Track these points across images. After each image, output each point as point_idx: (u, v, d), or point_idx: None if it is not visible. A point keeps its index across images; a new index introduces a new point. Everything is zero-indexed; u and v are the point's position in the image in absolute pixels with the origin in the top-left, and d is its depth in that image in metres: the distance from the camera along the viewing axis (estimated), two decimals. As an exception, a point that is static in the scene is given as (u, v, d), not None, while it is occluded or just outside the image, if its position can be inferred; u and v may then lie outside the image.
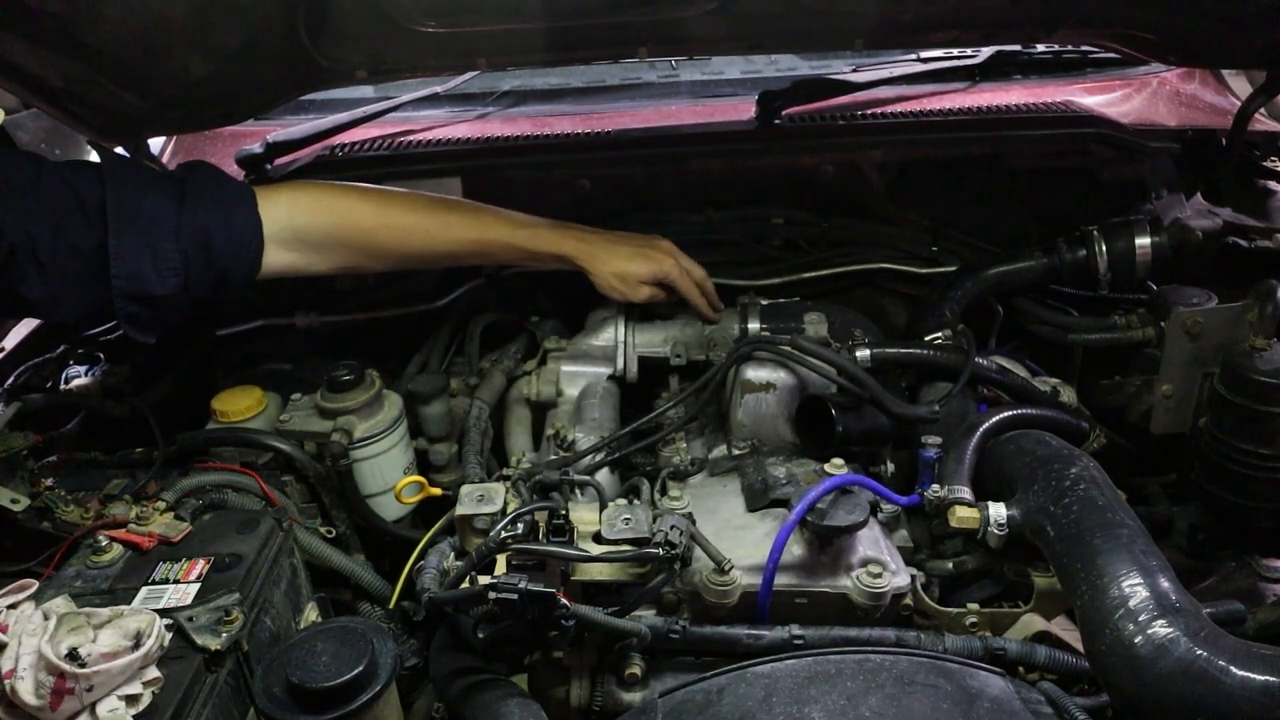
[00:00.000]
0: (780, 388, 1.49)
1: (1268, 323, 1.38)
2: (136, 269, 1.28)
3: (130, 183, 1.30)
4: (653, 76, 2.24)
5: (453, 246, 1.53)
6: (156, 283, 1.29)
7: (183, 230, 1.31)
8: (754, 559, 1.20)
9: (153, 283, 1.29)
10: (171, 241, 1.30)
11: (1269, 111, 1.97)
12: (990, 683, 1.00)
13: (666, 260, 1.60)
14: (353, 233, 1.46)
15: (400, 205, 1.52)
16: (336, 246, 1.46)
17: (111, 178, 1.28)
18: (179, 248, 1.30)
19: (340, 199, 1.48)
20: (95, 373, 1.68)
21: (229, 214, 1.36)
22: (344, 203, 1.47)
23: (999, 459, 1.31)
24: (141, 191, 1.30)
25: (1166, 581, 1.00)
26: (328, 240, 1.45)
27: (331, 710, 1.03)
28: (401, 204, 1.52)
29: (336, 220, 1.45)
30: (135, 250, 1.27)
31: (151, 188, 1.31)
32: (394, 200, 1.53)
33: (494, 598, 1.04)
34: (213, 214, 1.34)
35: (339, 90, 1.94)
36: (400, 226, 1.49)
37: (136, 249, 1.27)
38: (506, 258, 1.59)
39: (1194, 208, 1.87)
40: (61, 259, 1.25)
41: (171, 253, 1.30)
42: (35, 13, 1.28)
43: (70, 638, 0.99)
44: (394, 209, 1.50)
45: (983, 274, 1.67)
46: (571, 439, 1.47)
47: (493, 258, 1.59)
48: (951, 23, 1.65)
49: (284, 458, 1.47)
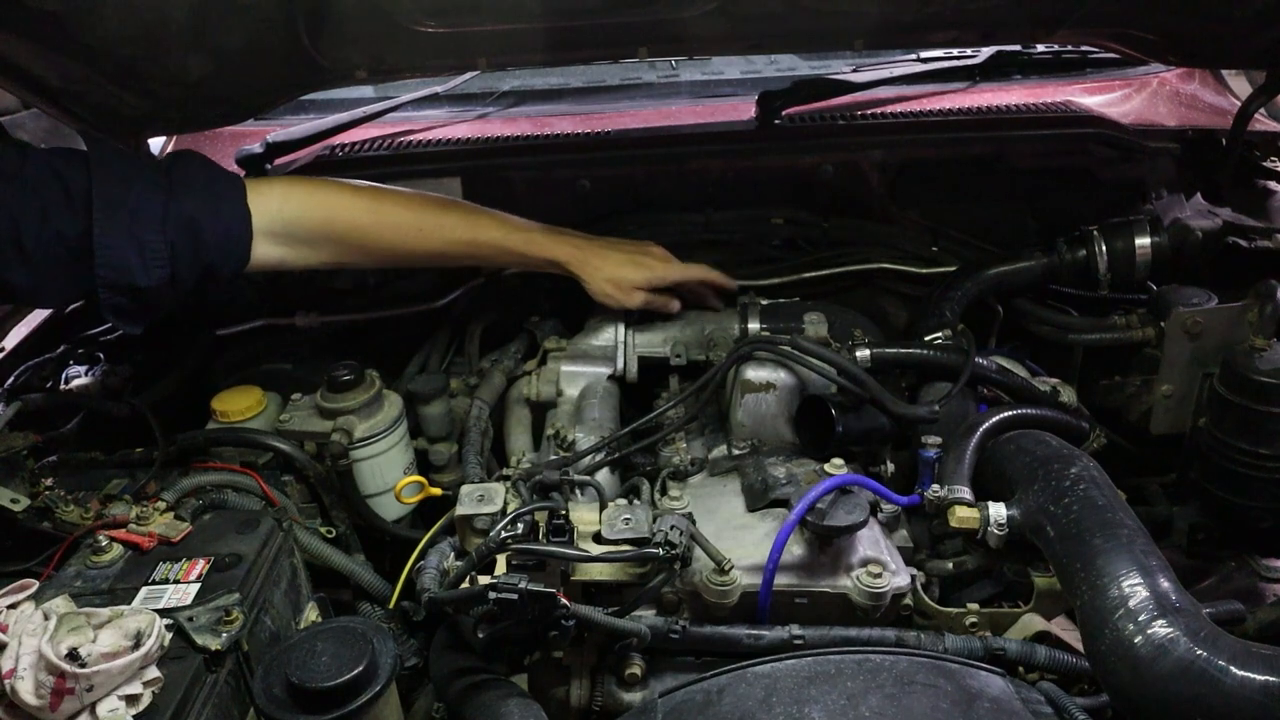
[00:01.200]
0: (780, 388, 1.49)
1: (1268, 323, 1.38)
2: (122, 259, 1.25)
3: (117, 171, 1.27)
4: (653, 76, 2.25)
5: (445, 246, 1.51)
6: (142, 274, 1.26)
7: (170, 221, 1.27)
8: (754, 559, 1.20)
9: (138, 274, 1.26)
10: (158, 232, 1.27)
11: (1269, 111, 1.97)
12: (990, 683, 1.00)
13: (660, 265, 1.61)
14: (345, 228, 1.44)
15: (393, 202, 1.50)
16: (327, 241, 1.44)
17: (98, 166, 1.26)
18: (166, 239, 1.27)
19: (333, 193, 1.46)
20: (95, 373, 1.68)
21: (218, 205, 1.33)
22: (337, 197, 1.45)
23: (999, 459, 1.31)
24: (128, 180, 1.27)
25: (1166, 581, 1.00)
26: (318, 235, 1.42)
27: (331, 710, 1.03)
28: (395, 201, 1.51)
29: (328, 215, 1.43)
30: (121, 240, 1.24)
31: (139, 177, 1.28)
32: (387, 197, 1.51)
33: (494, 598, 1.04)
34: (201, 204, 1.31)
35: (339, 90, 1.94)
36: (392, 224, 1.47)
37: (122, 239, 1.24)
38: (499, 260, 1.59)
39: (1194, 208, 1.87)
40: (46, 246, 1.22)
41: (158, 244, 1.27)
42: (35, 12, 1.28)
43: (70, 638, 0.99)
44: (387, 206, 1.49)
45: (983, 274, 1.67)
46: (571, 439, 1.47)
47: (485, 259, 1.59)
48: (951, 23, 1.65)
49: (284, 458, 1.47)
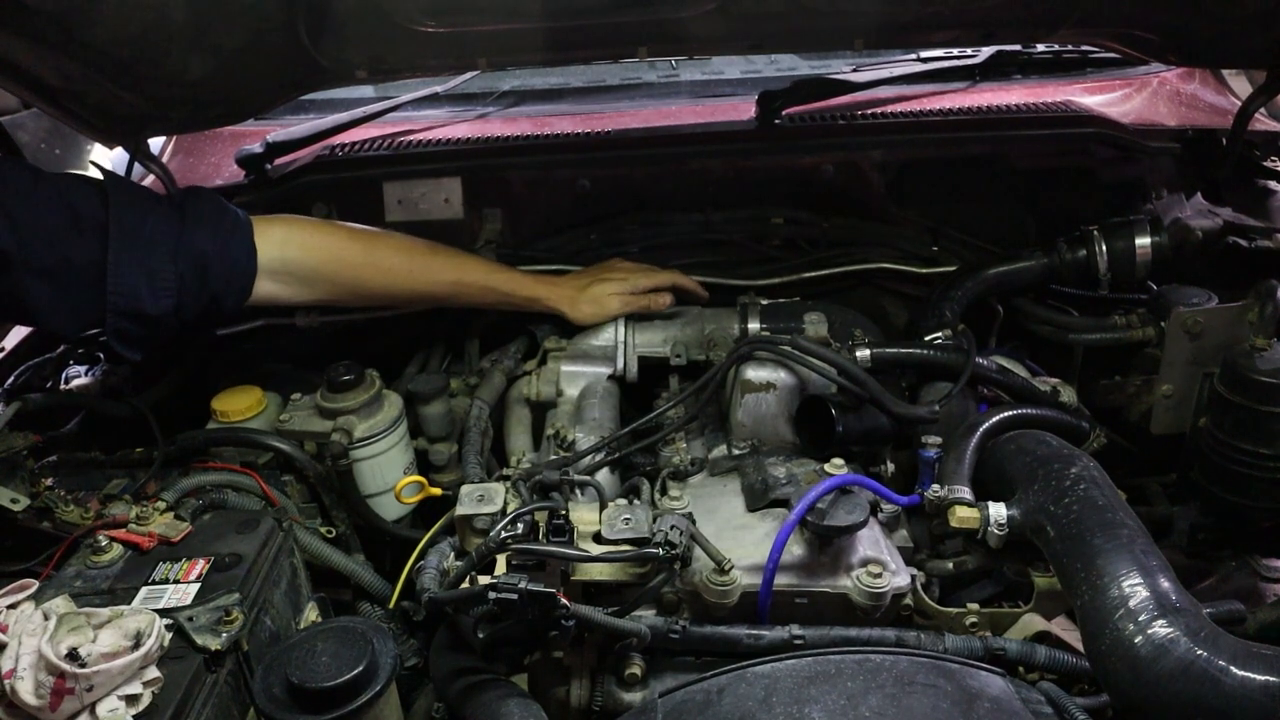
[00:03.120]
0: (780, 388, 1.49)
1: (1268, 323, 1.38)
2: (132, 286, 1.31)
3: (134, 203, 1.33)
4: (653, 76, 2.25)
5: (431, 287, 1.60)
6: (150, 301, 1.32)
7: (180, 252, 1.34)
8: (754, 559, 1.20)
9: (146, 301, 1.32)
10: (169, 263, 1.33)
11: (1269, 111, 1.97)
12: (990, 683, 1.00)
13: (629, 273, 1.69)
14: (340, 269, 1.52)
15: (386, 246, 1.58)
16: (322, 281, 1.51)
17: (116, 197, 1.31)
18: (176, 269, 1.34)
19: (331, 236, 1.54)
20: (95, 373, 1.68)
21: (227, 241, 1.39)
22: (334, 240, 1.54)
23: (999, 459, 1.31)
24: (144, 212, 1.33)
25: (1166, 581, 1.00)
26: (315, 275, 1.50)
27: (331, 710, 1.03)
28: (388, 245, 1.59)
29: (326, 257, 1.50)
30: (133, 268, 1.30)
31: (154, 210, 1.35)
32: (381, 241, 1.59)
33: (494, 598, 1.04)
34: (211, 239, 1.37)
35: (339, 90, 1.94)
36: (385, 267, 1.55)
37: (134, 267, 1.30)
38: (484, 300, 1.66)
39: (1194, 208, 1.87)
40: (54, 268, 1.27)
41: (168, 274, 1.33)
42: (35, 12, 1.28)
43: (70, 638, 0.99)
44: (380, 250, 1.57)
45: (983, 274, 1.67)
46: (571, 439, 1.47)
47: (471, 300, 1.65)
48: (951, 23, 1.65)
49: (284, 458, 1.48)
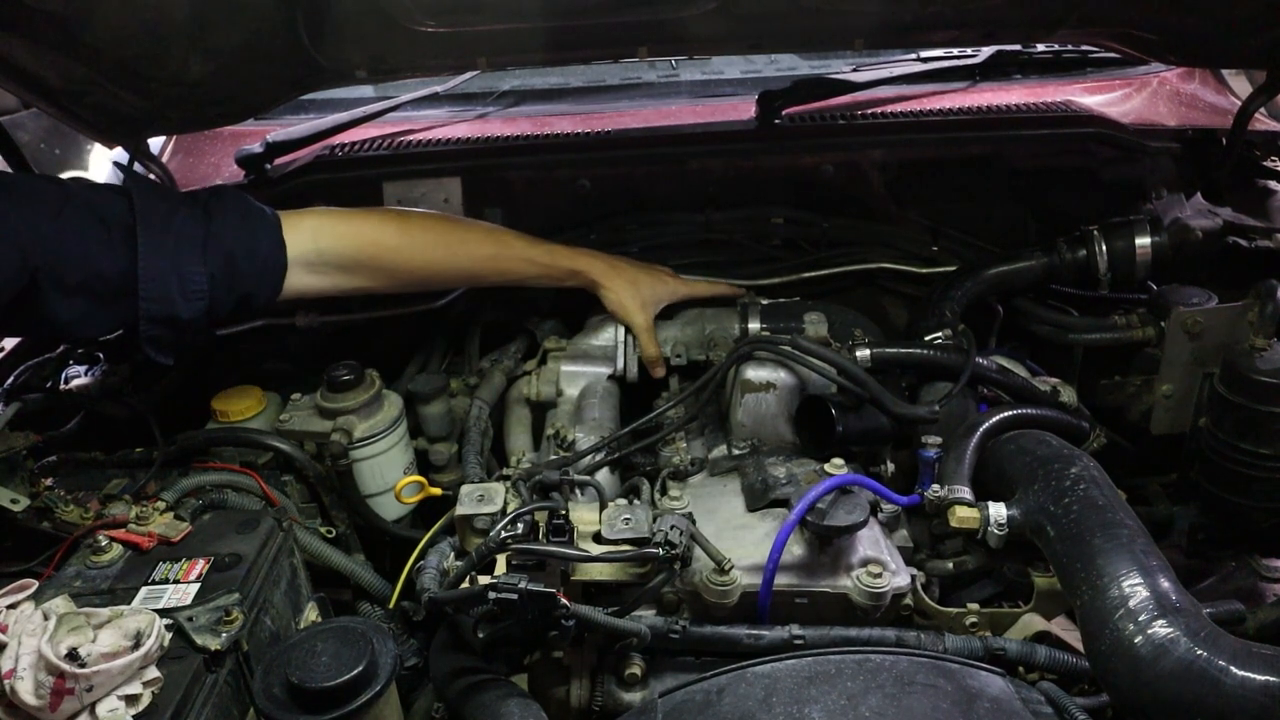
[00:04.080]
0: (780, 388, 1.49)
1: (1268, 323, 1.38)
2: (164, 292, 1.29)
3: (160, 207, 1.31)
4: (653, 76, 2.25)
5: (471, 263, 1.56)
6: (183, 306, 1.31)
7: (209, 253, 1.32)
8: (754, 559, 1.20)
9: (179, 306, 1.31)
10: (199, 264, 1.31)
11: (1269, 111, 1.97)
12: (990, 683, 1.00)
13: (675, 283, 1.67)
14: (378, 253, 1.47)
15: (419, 224, 1.54)
16: (361, 268, 1.47)
17: (141, 201, 1.30)
18: (206, 270, 1.32)
19: (364, 222, 1.49)
20: (95, 373, 1.67)
21: (254, 237, 1.37)
22: (368, 225, 1.49)
23: (999, 459, 1.31)
24: (170, 215, 1.31)
25: (1166, 581, 1.00)
26: (352, 262, 1.46)
27: (331, 710, 1.02)
28: (420, 223, 1.55)
29: (362, 242, 1.46)
30: (164, 273, 1.29)
31: (179, 211, 1.33)
32: (414, 220, 1.55)
33: (494, 598, 1.04)
34: (238, 237, 1.35)
35: (339, 90, 1.94)
36: (422, 244, 1.51)
37: (165, 272, 1.29)
38: (524, 273, 1.60)
39: (1194, 208, 1.87)
40: (86, 283, 1.26)
41: (198, 276, 1.31)
42: (35, 12, 1.28)
43: (70, 638, 0.99)
44: (415, 229, 1.52)
45: (983, 274, 1.67)
46: (571, 439, 1.47)
47: (510, 274, 1.60)
48: (951, 22, 1.65)
49: (284, 458, 1.48)
